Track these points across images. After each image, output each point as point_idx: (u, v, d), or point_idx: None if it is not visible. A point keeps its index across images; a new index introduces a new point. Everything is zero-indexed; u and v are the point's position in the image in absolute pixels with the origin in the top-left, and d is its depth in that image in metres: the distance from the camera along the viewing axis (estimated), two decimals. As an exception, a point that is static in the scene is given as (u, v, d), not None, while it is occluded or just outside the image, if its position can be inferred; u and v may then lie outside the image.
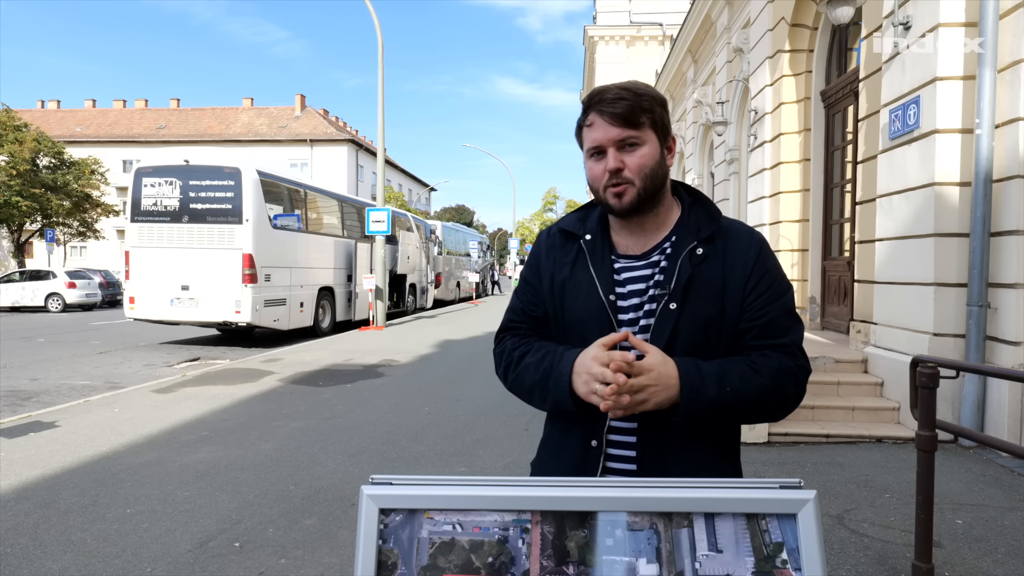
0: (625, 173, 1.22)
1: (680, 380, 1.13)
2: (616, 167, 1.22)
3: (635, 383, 1.11)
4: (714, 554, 0.93)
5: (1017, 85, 4.81)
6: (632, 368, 1.11)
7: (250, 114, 49.47)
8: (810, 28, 8.76)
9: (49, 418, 5.83)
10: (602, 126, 1.23)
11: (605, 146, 1.23)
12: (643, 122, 1.22)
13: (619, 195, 1.24)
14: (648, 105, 1.22)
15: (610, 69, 26.70)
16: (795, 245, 9.04)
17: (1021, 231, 4.79)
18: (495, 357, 1.41)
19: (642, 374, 1.11)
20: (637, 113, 1.21)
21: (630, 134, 1.22)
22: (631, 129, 1.22)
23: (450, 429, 5.54)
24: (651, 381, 1.11)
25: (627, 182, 1.23)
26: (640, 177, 1.23)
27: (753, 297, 1.24)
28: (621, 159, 1.22)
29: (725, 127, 11.98)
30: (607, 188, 1.24)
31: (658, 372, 1.12)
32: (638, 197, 1.24)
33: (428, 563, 0.95)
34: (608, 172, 1.23)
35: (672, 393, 1.13)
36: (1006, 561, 3.07)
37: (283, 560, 3.06)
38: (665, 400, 1.13)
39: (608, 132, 1.22)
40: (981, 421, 4.93)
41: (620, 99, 1.21)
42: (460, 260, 27.37)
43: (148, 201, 11.27)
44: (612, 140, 1.22)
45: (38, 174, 27.54)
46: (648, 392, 1.11)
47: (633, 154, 1.23)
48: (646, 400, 1.12)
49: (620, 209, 1.25)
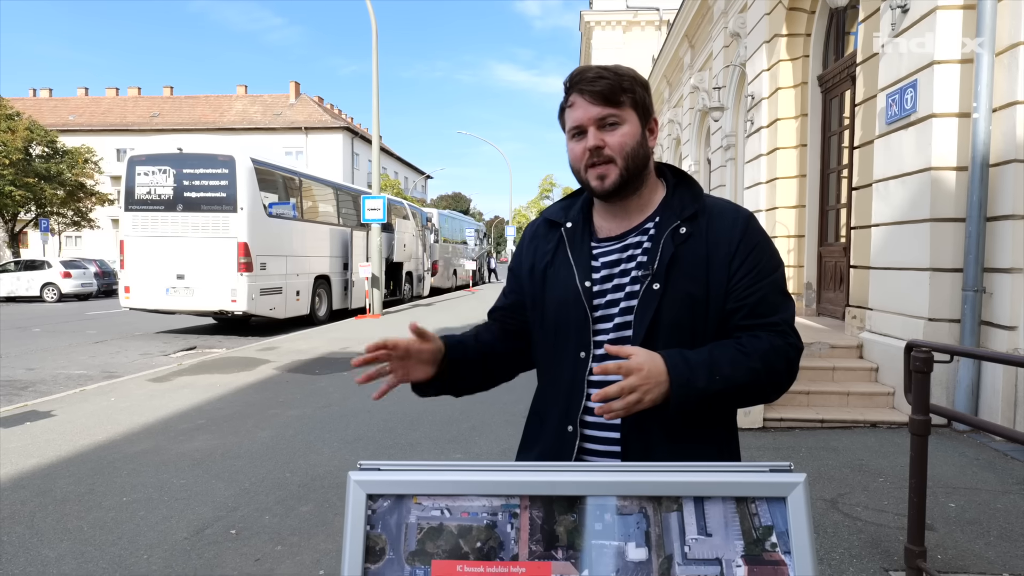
0: (606, 151, 1.21)
1: (668, 374, 1.11)
2: (596, 144, 1.21)
3: (626, 384, 1.09)
4: (703, 538, 0.93)
5: (1015, 68, 4.78)
6: (621, 369, 1.09)
7: (244, 102, 49.11)
8: (807, 12, 8.69)
9: (45, 407, 5.83)
10: (583, 105, 1.22)
11: (585, 125, 1.22)
12: (623, 101, 1.21)
13: (601, 177, 1.23)
14: (628, 85, 1.22)
15: (606, 55, 26.51)
16: (791, 231, 9.02)
17: (1017, 216, 4.79)
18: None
19: (631, 374, 1.09)
20: (617, 92, 1.21)
21: (610, 112, 1.21)
22: (611, 107, 1.21)
23: (446, 416, 5.55)
24: (641, 380, 1.09)
25: (608, 160, 1.22)
26: (622, 156, 1.21)
27: (739, 276, 1.21)
28: (601, 137, 1.21)
29: (722, 113, 11.91)
30: (588, 168, 1.23)
31: (647, 370, 1.10)
32: (620, 178, 1.22)
33: (416, 548, 0.95)
34: (588, 150, 1.22)
35: (663, 388, 1.11)
36: (998, 544, 3.09)
37: (279, 547, 3.07)
38: (659, 396, 1.11)
39: (588, 111, 1.21)
40: (975, 405, 4.95)
41: (600, 78, 1.21)
42: (457, 248, 27.33)
43: (142, 190, 11.19)
44: (592, 119, 1.21)
45: (31, 163, 27.30)
46: (641, 391, 1.10)
47: (614, 133, 1.21)
48: (640, 400, 1.10)
49: (603, 191, 1.24)
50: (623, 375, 1.10)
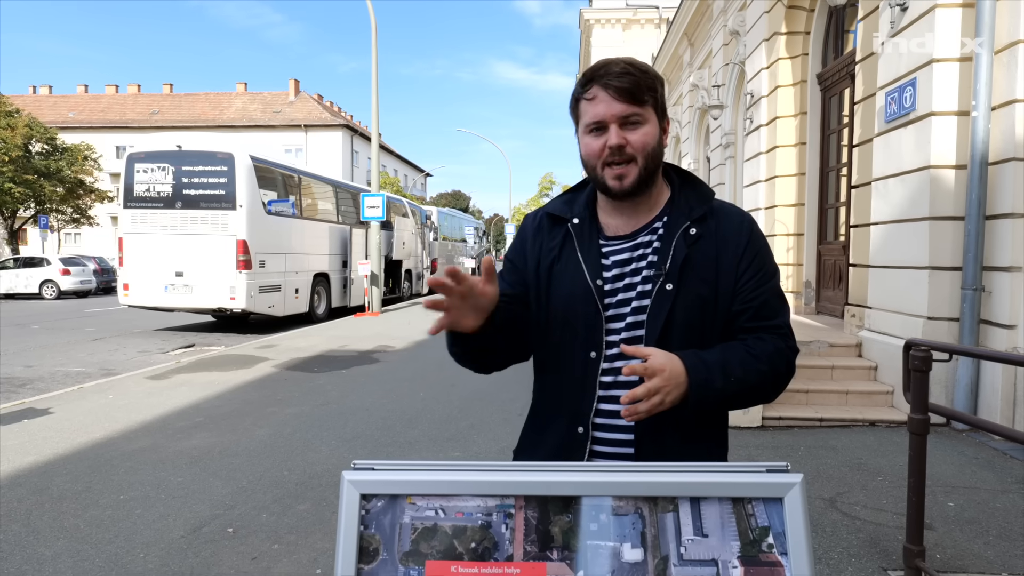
0: (628, 150, 1.19)
1: (688, 375, 1.12)
2: (619, 143, 1.19)
3: (651, 386, 1.09)
4: (699, 538, 0.92)
5: (1014, 67, 4.77)
6: (645, 372, 1.09)
7: (244, 99, 49.02)
8: (807, 10, 8.68)
9: (43, 405, 5.82)
10: (606, 100, 1.19)
11: (608, 121, 1.20)
12: (646, 100, 1.20)
13: (620, 177, 1.21)
14: (651, 83, 1.21)
15: (606, 53, 26.33)
16: (790, 229, 9.02)
17: (1016, 214, 4.78)
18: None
19: (655, 376, 1.09)
20: (643, 90, 1.19)
21: (634, 111, 1.19)
22: (636, 106, 1.19)
23: (445, 414, 5.54)
24: (664, 382, 1.10)
25: (630, 160, 1.20)
26: (643, 156, 1.20)
27: (746, 279, 1.23)
28: (624, 136, 1.19)
29: (721, 111, 11.90)
30: (605, 166, 1.21)
31: (669, 371, 1.10)
32: (639, 178, 1.21)
33: (410, 549, 0.94)
34: (609, 148, 1.20)
35: (683, 389, 1.12)
36: (997, 543, 3.09)
37: (276, 545, 3.07)
38: (677, 397, 1.12)
39: (612, 107, 1.19)
40: (974, 404, 4.95)
41: (627, 73, 1.18)
42: (456, 246, 27.32)
43: (141, 187, 11.17)
44: (616, 116, 1.19)
45: (31, 160, 27.26)
46: (663, 393, 1.10)
47: (636, 131, 1.20)
48: (662, 401, 1.10)
49: (620, 191, 1.22)
50: (647, 377, 1.10)
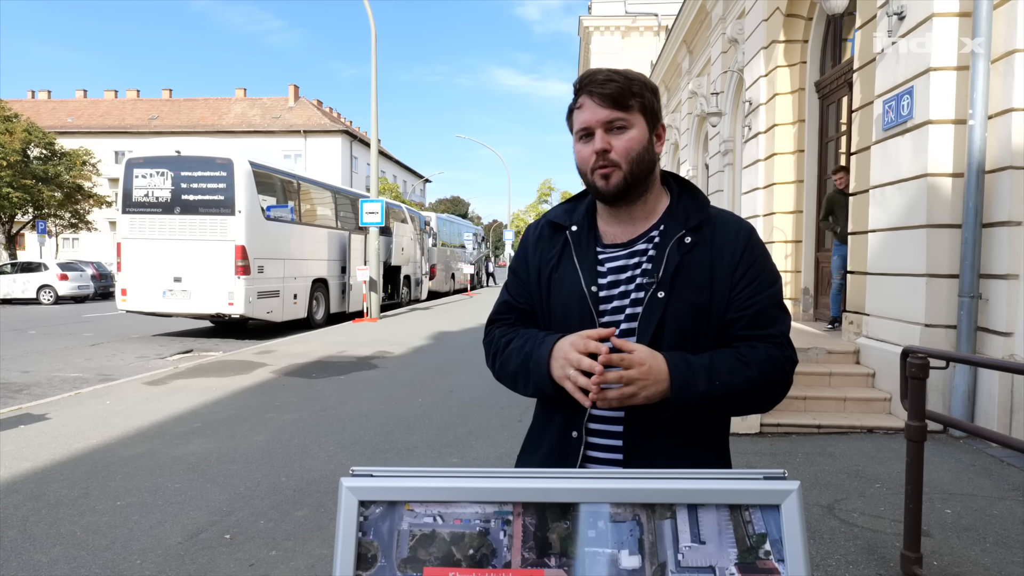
0: (612, 155, 1.21)
1: (670, 374, 1.12)
2: (603, 148, 1.21)
3: (626, 375, 1.10)
4: (697, 545, 0.92)
5: (1010, 76, 4.80)
6: (623, 361, 1.10)
7: (243, 105, 49.15)
8: (805, 18, 8.73)
9: (40, 411, 5.81)
10: (591, 107, 1.22)
11: (593, 127, 1.22)
12: (632, 105, 1.22)
13: (606, 176, 1.23)
14: (638, 89, 1.22)
15: (605, 60, 26.56)
16: (789, 236, 9.04)
17: (1013, 222, 4.80)
18: (484, 347, 1.41)
19: (633, 367, 1.10)
20: (626, 96, 1.21)
21: (618, 116, 1.21)
22: (619, 111, 1.21)
23: (443, 420, 5.53)
24: (642, 375, 1.10)
25: (613, 164, 1.22)
26: (627, 160, 1.22)
27: (741, 287, 1.23)
28: (608, 140, 1.21)
29: (719, 118, 11.94)
30: (594, 170, 1.23)
31: (649, 366, 1.11)
32: (624, 181, 1.23)
33: (408, 555, 0.94)
34: (595, 153, 1.22)
35: (662, 388, 1.12)
36: (994, 550, 3.09)
37: (274, 552, 3.06)
38: (655, 394, 1.12)
39: (596, 113, 1.21)
40: (971, 411, 4.96)
41: (610, 80, 1.21)
42: (455, 252, 27.32)
43: (139, 192, 11.18)
44: (600, 121, 1.21)
45: (29, 165, 27.28)
46: (638, 385, 1.11)
47: (621, 136, 1.22)
48: (636, 393, 1.11)
49: (607, 192, 1.24)
50: (624, 367, 1.10)
